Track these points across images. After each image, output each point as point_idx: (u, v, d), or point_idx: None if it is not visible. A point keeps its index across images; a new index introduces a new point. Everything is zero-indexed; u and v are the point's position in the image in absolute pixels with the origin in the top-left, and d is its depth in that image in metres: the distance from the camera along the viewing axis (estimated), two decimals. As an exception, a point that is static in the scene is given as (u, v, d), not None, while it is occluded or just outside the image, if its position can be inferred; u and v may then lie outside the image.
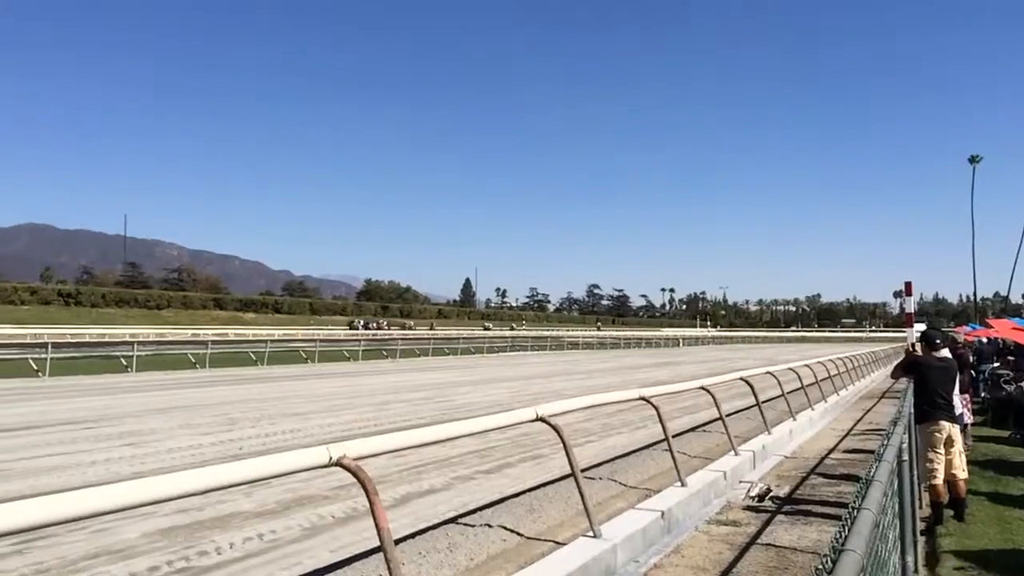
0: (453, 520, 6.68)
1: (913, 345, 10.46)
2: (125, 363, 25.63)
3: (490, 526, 6.33)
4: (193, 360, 28.24)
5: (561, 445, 5.93)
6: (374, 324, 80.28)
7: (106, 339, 35.04)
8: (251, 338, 41.42)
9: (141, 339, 31.52)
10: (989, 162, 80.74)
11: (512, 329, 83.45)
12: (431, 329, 74.73)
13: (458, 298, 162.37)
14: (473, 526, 6.34)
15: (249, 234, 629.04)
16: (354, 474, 4.11)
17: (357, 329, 70.24)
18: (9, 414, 14.08)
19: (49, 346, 24.33)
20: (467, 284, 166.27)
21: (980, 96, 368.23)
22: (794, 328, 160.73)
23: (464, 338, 50.98)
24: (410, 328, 77.66)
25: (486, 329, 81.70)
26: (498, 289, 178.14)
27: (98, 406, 15.58)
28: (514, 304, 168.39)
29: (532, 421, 6.03)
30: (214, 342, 32.06)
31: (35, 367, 22.77)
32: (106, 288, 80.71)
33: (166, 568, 5.46)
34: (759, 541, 6.48)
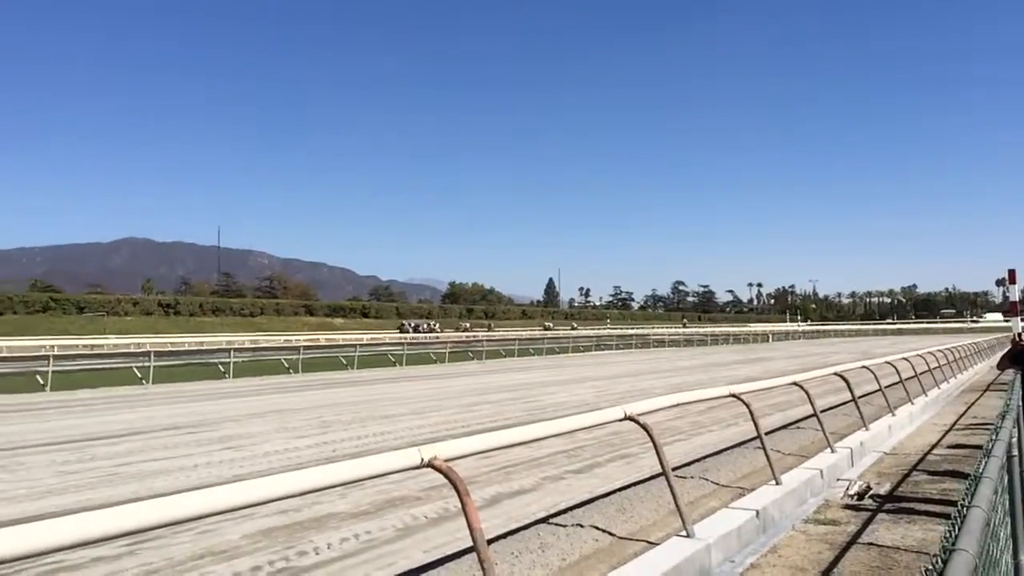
0: (544, 520, 6.68)
1: (1019, 335, 9.99)
2: (222, 369, 26.50)
3: (581, 526, 6.31)
4: (286, 365, 29.02)
5: (650, 444, 5.88)
6: (425, 326, 76.43)
7: (204, 347, 36.33)
8: (340, 343, 42.33)
9: (237, 346, 32.57)
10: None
11: (572, 329, 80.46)
12: (489, 330, 72.71)
13: (541, 298, 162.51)
14: (564, 526, 6.33)
15: (336, 242, 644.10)
16: (445, 475, 4.16)
17: (407, 332, 66.37)
18: (118, 420, 14.73)
19: (151, 355, 25.36)
20: (550, 284, 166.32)
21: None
22: (889, 320, 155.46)
23: (533, 339, 50.95)
24: (464, 330, 75.11)
25: (546, 329, 79.03)
26: (581, 288, 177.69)
27: (198, 411, 16.16)
28: (597, 303, 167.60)
29: (620, 420, 5.99)
30: (305, 347, 32.87)
31: (139, 375, 23.75)
32: (203, 298, 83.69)
33: (268, 568, 5.63)
34: (860, 540, 6.28)
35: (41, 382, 21.16)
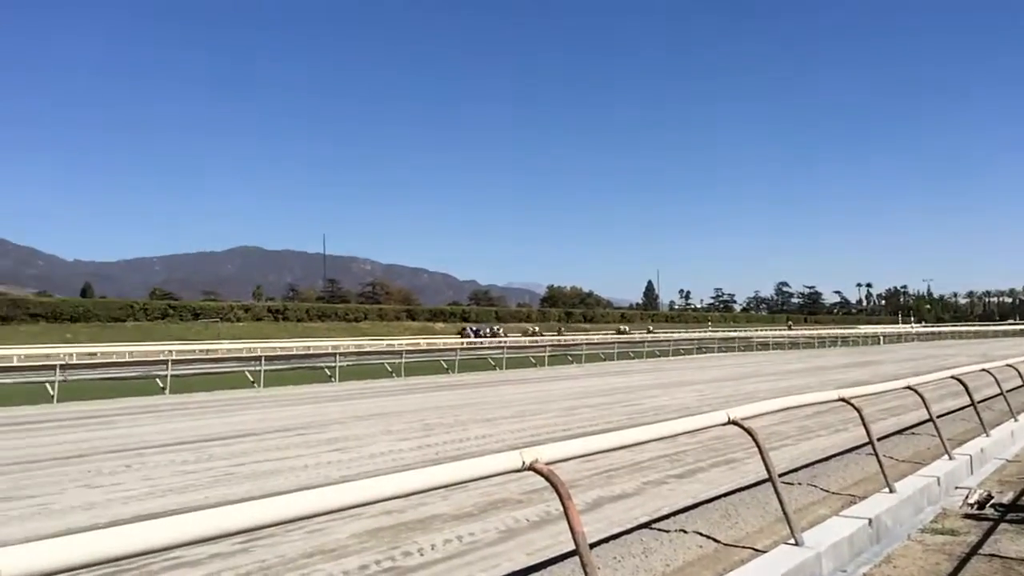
0: (646, 525, 6.62)
1: None
2: (328, 373, 27.25)
3: (685, 531, 6.22)
4: (389, 369, 29.62)
5: (755, 449, 5.75)
6: (487, 330, 71.71)
7: (310, 351, 37.45)
8: (441, 347, 42.95)
9: (342, 350, 33.46)
10: None
11: (649, 332, 77.14)
12: (559, 334, 70.16)
13: (641, 301, 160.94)
14: (667, 531, 6.26)
15: (437, 248, 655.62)
16: (547, 478, 4.17)
17: (468, 336, 63.12)
18: (232, 422, 15.34)
19: (262, 359, 26.29)
20: (649, 287, 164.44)
21: None
22: (1011, 321, 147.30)
23: (632, 342, 50.42)
24: (532, 333, 70.92)
25: (620, 332, 76.19)
26: (681, 291, 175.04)
27: (306, 414, 16.67)
28: (698, 305, 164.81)
29: (724, 424, 5.89)
30: (408, 351, 33.48)
31: (251, 379, 24.68)
32: (309, 303, 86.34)
33: (374, 567, 5.76)
34: (981, 551, 5.98)
35: (161, 385, 22.21)
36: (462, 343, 45.58)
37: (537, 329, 75.74)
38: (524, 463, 4.19)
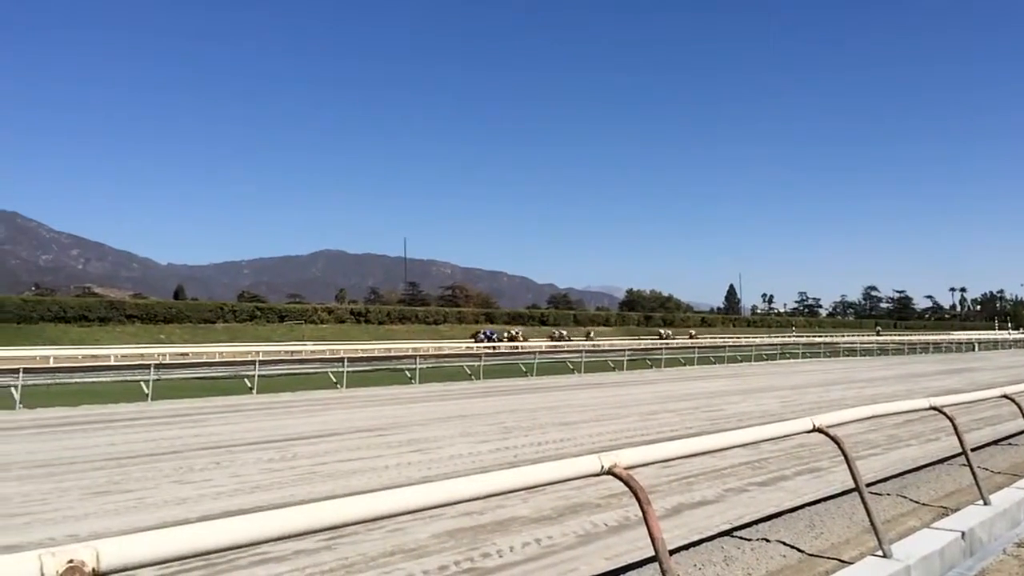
0: (728, 533, 6.52)
1: None
2: (409, 375, 27.64)
3: (767, 540, 6.11)
4: (468, 372, 29.86)
5: (841, 457, 5.62)
6: (504, 335, 63.45)
7: (392, 353, 38.06)
8: (520, 350, 43.08)
9: (422, 353, 33.88)
10: None
11: (691, 337, 71.50)
12: (588, 338, 65.04)
13: (722, 305, 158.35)
14: (749, 540, 6.15)
15: (515, 251, 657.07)
16: (626, 483, 4.15)
17: (481, 341, 56.07)
18: (315, 422, 15.70)
19: (345, 361, 26.84)
20: (731, 291, 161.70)
21: None
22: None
23: (714, 346, 49.58)
24: (558, 337, 64.41)
25: (662, 337, 70.72)
26: (764, 295, 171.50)
27: (388, 415, 16.94)
28: (782, 310, 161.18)
29: (809, 432, 5.76)
30: (487, 354, 33.69)
31: (334, 380, 25.21)
32: (390, 306, 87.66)
33: (454, 568, 5.82)
34: (1084, 570, 5.71)
35: (248, 385, 22.88)
36: (543, 347, 45.42)
37: (564, 333, 69.29)
38: (603, 467, 4.19)
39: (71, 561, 2.44)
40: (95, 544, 2.52)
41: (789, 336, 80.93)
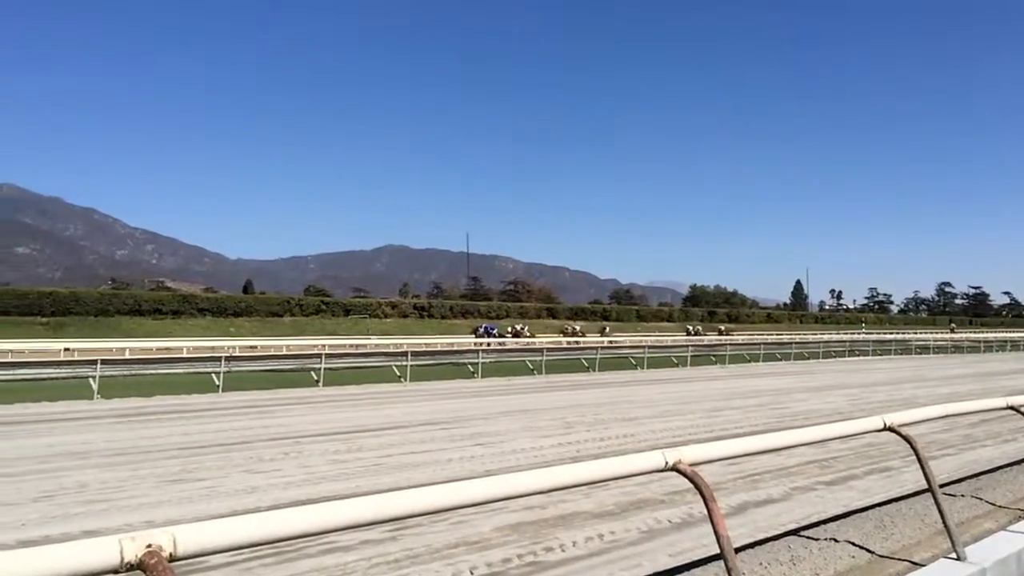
0: (794, 532, 6.42)
1: None
2: (471, 369, 27.80)
3: (836, 540, 6.00)
4: (530, 367, 29.91)
5: (913, 457, 5.48)
6: (508, 330, 59.12)
7: (454, 347, 38.31)
8: (582, 345, 42.97)
9: (484, 347, 34.03)
10: None
11: (720, 333, 66.70)
12: (603, 334, 60.93)
13: (788, 301, 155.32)
14: (817, 539, 6.05)
15: (577, 246, 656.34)
16: (690, 479, 4.13)
17: (482, 337, 52.21)
18: (380, 415, 15.92)
19: (408, 354, 27.13)
20: (798, 286, 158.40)
21: None
22: None
23: (780, 343, 48.67)
24: (573, 333, 60.17)
25: (690, 333, 65.52)
26: (833, 291, 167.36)
27: (450, 409, 17.07)
28: (851, 306, 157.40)
29: (879, 431, 5.64)
30: (548, 349, 33.69)
31: (398, 373, 25.50)
32: (453, 301, 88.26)
33: (516, 561, 5.86)
34: None
35: (315, 378, 23.30)
36: (602, 342, 45.20)
37: (578, 329, 63.87)
38: (667, 463, 4.17)
39: (149, 546, 2.53)
40: (172, 530, 2.61)
41: (858, 333, 79.02)
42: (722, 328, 73.50)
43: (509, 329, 59.20)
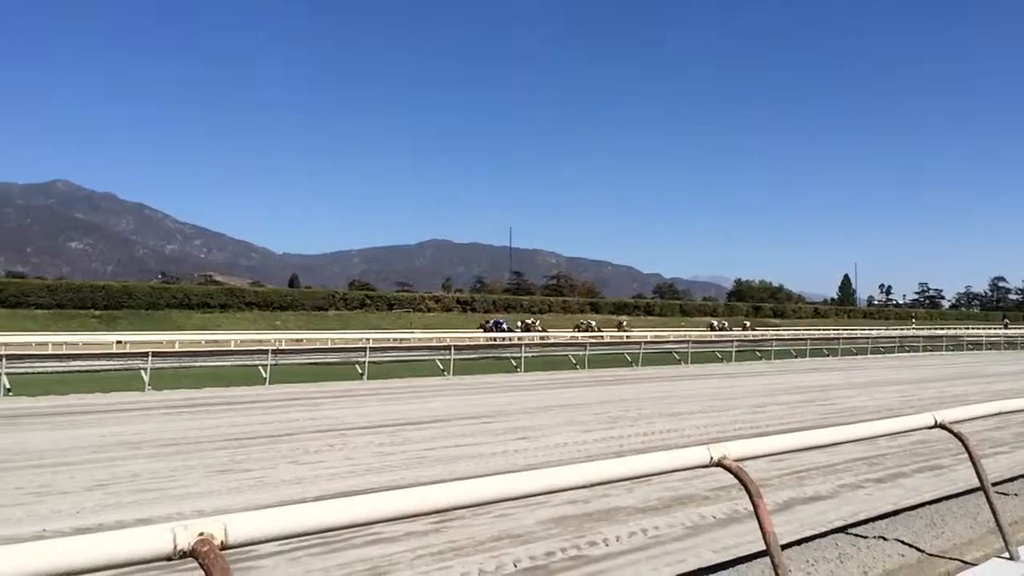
0: (842, 530, 6.34)
1: None
2: (514, 364, 27.86)
3: (884, 539, 5.91)
4: (573, 361, 29.86)
5: (965, 455, 5.37)
6: (519, 324, 55.82)
7: (496, 342, 38.38)
8: (625, 340, 42.76)
9: (527, 342, 34.05)
10: None
11: (744, 328, 63.61)
12: (620, 329, 59.04)
13: (836, 296, 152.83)
14: (865, 537, 5.96)
15: (620, 240, 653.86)
16: (736, 475, 4.10)
17: (491, 331, 49.89)
18: (423, 408, 16.02)
19: (452, 348, 27.27)
20: (845, 281, 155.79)
21: None
22: None
23: (826, 338, 47.92)
24: (587, 328, 55.81)
25: (714, 329, 62.88)
26: (882, 285, 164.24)
27: (493, 403, 17.13)
28: (900, 301, 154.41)
29: (930, 428, 5.54)
30: (591, 344, 33.60)
31: (441, 367, 25.64)
32: (496, 295, 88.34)
33: (560, 555, 5.86)
34: None
35: (359, 371, 23.52)
36: (646, 336, 44.89)
37: (594, 324, 59.68)
38: (712, 459, 4.14)
39: (201, 534, 2.59)
40: (224, 519, 2.66)
41: (908, 328, 77.52)
42: (747, 323, 70.32)
43: (519, 323, 56.46)
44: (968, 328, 78.33)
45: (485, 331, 50.02)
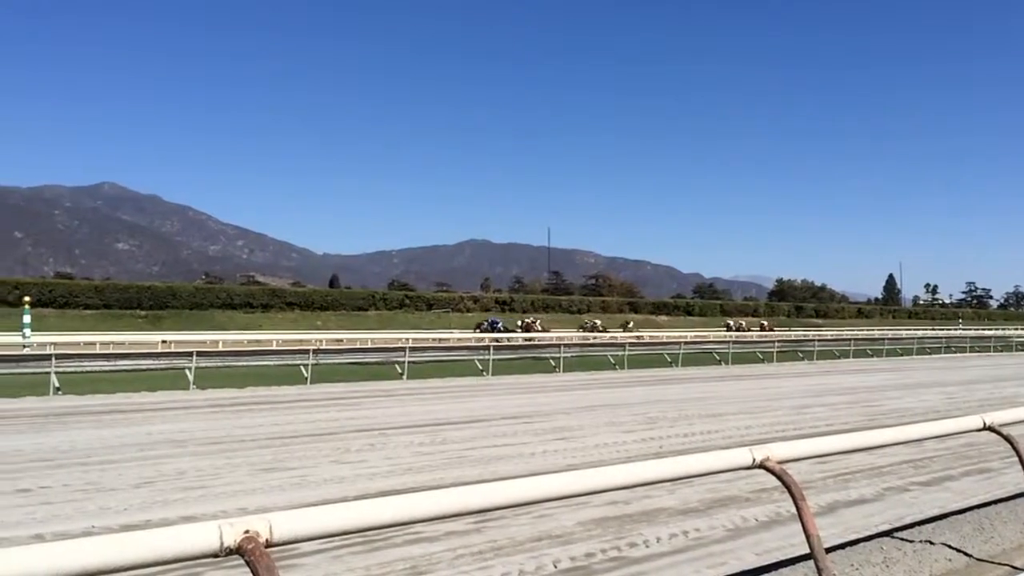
0: (887, 533, 6.24)
1: None
2: (553, 364, 27.82)
3: (931, 543, 5.80)
4: (612, 361, 29.74)
5: (1015, 458, 5.26)
6: (518, 324, 52.19)
7: (534, 342, 38.38)
8: (664, 340, 42.50)
9: (566, 342, 34.00)
10: None
11: (763, 329, 59.57)
12: (625, 329, 56.21)
13: (880, 296, 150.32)
14: (911, 541, 5.86)
15: (660, 240, 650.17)
16: (779, 477, 4.06)
17: (487, 332, 46.57)
18: (462, 408, 16.08)
19: (491, 348, 27.33)
20: (890, 280, 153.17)
21: None
22: None
23: (871, 339, 47.14)
24: (592, 328, 53.16)
25: (731, 329, 59.95)
26: (928, 285, 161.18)
27: (532, 403, 17.13)
28: (947, 301, 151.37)
29: (979, 430, 5.44)
30: (630, 344, 33.45)
31: (480, 367, 25.71)
32: (534, 295, 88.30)
33: (600, 556, 5.85)
34: None
35: (399, 371, 23.67)
36: (685, 337, 44.45)
37: (598, 323, 56.31)
38: (755, 460, 4.11)
39: (247, 531, 2.63)
40: (269, 517, 2.70)
41: (955, 329, 76.00)
42: (765, 323, 67.14)
43: (519, 323, 52.89)
44: (1017, 329, 76.59)
45: (481, 331, 47.11)
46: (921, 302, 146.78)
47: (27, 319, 31.82)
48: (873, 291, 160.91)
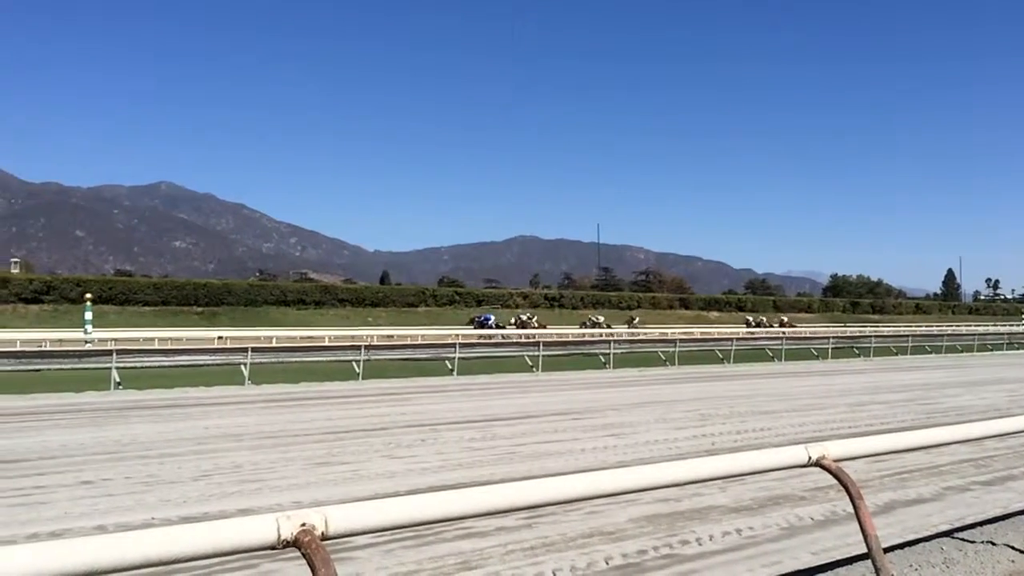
0: (947, 534, 6.10)
1: None
2: (603, 360, 27.73)
3: (993, 544, 5.66)
4: (663, 357, 29.53)
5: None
6: (513, 320, 50.45)
7: (585, 338, 38.28)
8: (716, 336, 42.06)
9: (616, 338, 33.86)
10: None
11: (782, 324, 56.32)
12: (629, 324, 54.09)
13: (939, 291, 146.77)
14: (972, 542, 5.72)
15: (711, 235, 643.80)
16: (835, 476, 3.99)
17: (482, 327, 45.65)
18: (512, 404, 16.12)
19: (540, 344, 27.33)
20: (949, 275, 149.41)
21: None
22: None
23: (929, 335, 46.01)
24: (595, 324, 51.11)
25: (751, 325, 56.08)
26: (988, 280, 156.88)
27: (582, 399, 17.09)
28: (1009, 296, 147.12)
29: (1043, 429, 5.27)
30: (681, 340, 33.18)
31: (530, 363, 25.73)
32: (584, 291, 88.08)
33: (652, 553, 5.81)
34: None
35: (449, 367, 23.81)
36: (738, 333, 43.77)
37: (601, 320, 53.88)
38: (810, 458, 4.05)
39: (303, 524, 2.67)
40: (324, 510, 2.74)
41: (1018, 324, 73.89)
42: (784, 319, 63.06)
43: (513, 320, 51.06)
44: (1085, 324, 74.14)
45: (474, 327, 46.25)
46: (982, 297, 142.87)
47: (88, 316, 32.70)
48: (931, 286, 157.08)
